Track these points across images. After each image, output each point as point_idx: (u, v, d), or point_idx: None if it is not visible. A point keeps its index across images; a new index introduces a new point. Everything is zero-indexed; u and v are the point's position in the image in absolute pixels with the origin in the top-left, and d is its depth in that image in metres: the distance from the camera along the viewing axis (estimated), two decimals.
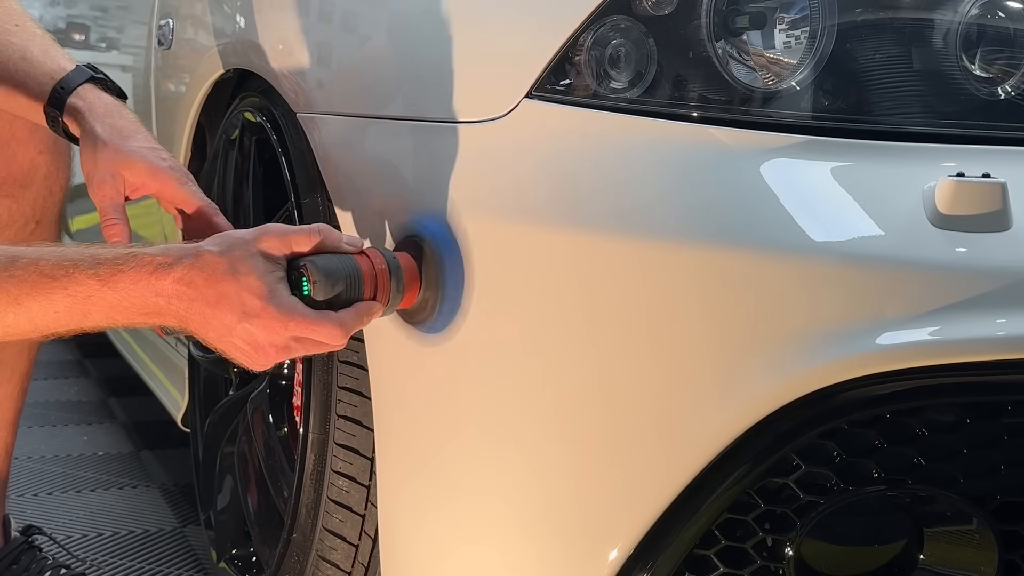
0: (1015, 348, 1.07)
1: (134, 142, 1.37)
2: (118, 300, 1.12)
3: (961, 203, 1.07)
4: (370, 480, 1.40)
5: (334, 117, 1.38)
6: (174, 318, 1.13)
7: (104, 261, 1.12)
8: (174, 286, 1.12)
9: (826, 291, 1.07)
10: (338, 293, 1.14)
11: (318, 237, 1.16)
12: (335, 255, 1.16)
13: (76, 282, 1.11)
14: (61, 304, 1.12)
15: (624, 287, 1.12)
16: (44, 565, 1.72)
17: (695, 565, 1.15)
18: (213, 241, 1.15)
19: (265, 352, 1.13)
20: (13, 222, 1.61)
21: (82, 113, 1.39)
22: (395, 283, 1.18)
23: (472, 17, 1.27)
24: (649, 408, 1.12)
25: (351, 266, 1.15)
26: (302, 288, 1.13)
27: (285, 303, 1.12)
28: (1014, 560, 1.16)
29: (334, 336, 1.13)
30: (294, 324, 1.12)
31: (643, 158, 1.14)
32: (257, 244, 1.13)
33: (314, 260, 1.14)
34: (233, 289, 1.11)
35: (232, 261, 1.12)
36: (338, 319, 1.14)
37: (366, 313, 1.16)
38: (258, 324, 1.11)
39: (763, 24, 1.15)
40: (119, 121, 1.39)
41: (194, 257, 1.12)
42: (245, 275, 1.11)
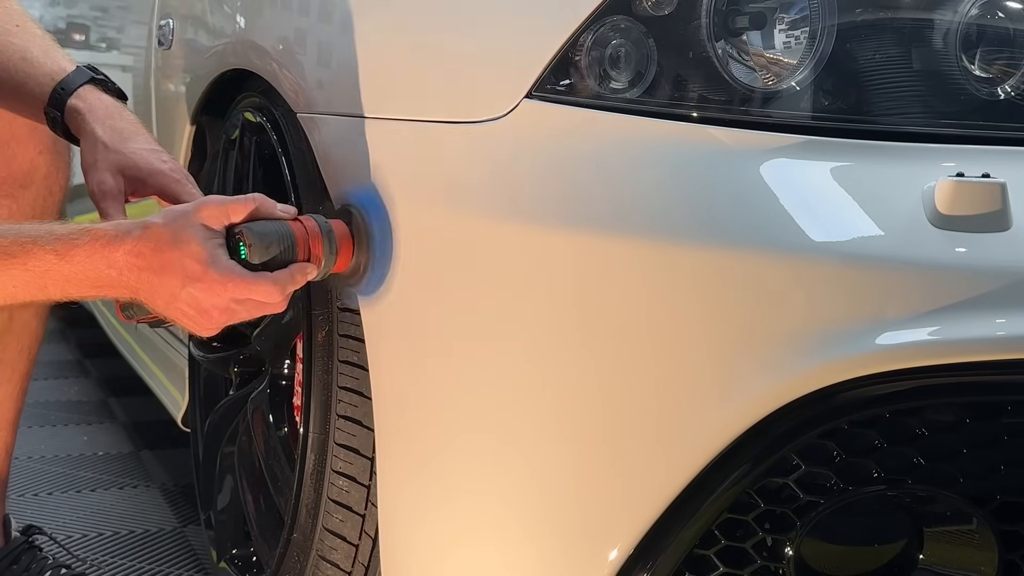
0: (1015, 348, 1.07)
1: (134, 143, 1.38)
2: (74, 273, 1.19)
3: (961, 203, 1.07)
4: (370, 480, 1.40)
5: (334, 117, 1.38)
6: (126, 289, 1.20)
7: (61, 236, 1.19)
8: (125, 257, 1.19)
9: (826, 291, 1.07)
10: (273, 256, 1.22)
11: (253, 205, 1.23)
12: (270, 221, 1.24)
13: (34, 257, 1.18)
14: (20, 278, 1.19)
15: (624, 287, 1.12)
16: (44, 565, 1.72)
17: (695, 565, 1.15)
18: (160, 215, 1.22)
19: (209, 315, 1.21)
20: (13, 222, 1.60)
21: (82, 114, 1.40)
22: (327, 245, 1.26)
23: (472, 17, 1.27)
24: (649, 408, 1.12)
25: (285, 230, 1.24)
26: (239, 252, 1.21)
27: (224, 266, 1.19)
28: (1014, 560, 1.16)
29: (271, 294, 1.21)
30: (232, 285, 1.19)
31: (643, 158, 1.14)
32: (197, 214, 1.20)
33: (250, 226, 1.22)
34: (176, 256, 1.18)
35: (175, 231, 1.19)
36: (273, 279, 1.21)
37: (300, 273, 1.24)
38: (200, 287, 1.19)
39: (763, 24, 1.15)
40: (119, 123, 1.40)
41: (142, 229, 1.20)
42: (187, 243, 1.19)
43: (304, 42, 1.47)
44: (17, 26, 1.48)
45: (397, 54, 1.33)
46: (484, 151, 1.20)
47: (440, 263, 1.23)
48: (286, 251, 1.23)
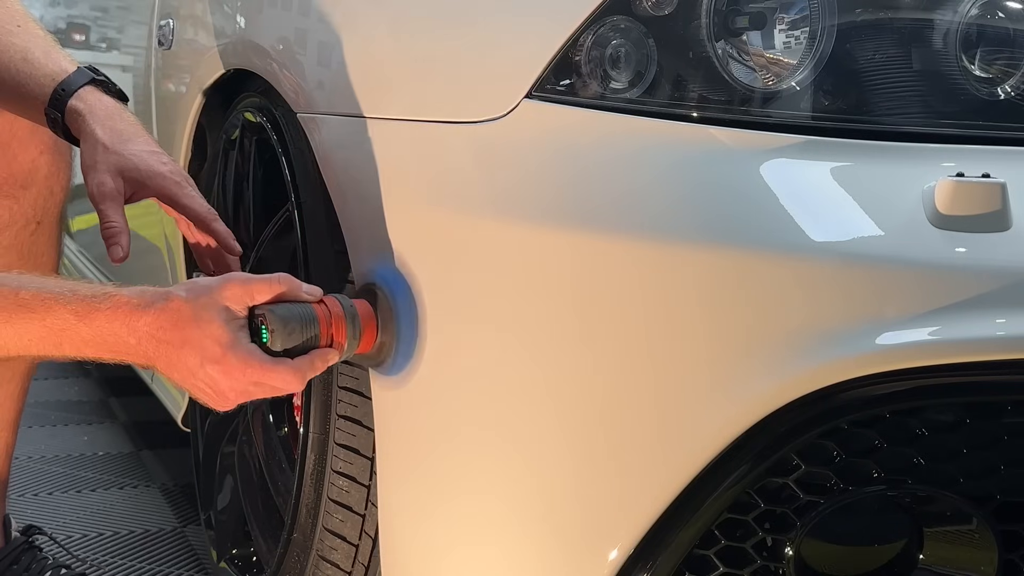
0: (1015, 348, 1.07)
1: (134, 145, 1.38)
2: (92, 336, 1.17)
3: (961, 203, 1.07)
4: (370, 480, 1.40)
5: (334, 117, 1.38)
6: (142, 357, 1.18)
7: (83, 297, 1.18)
8: (145, 328, 1.17)
9: (826, 291, 1.07)
10: (295, 343, 1.19)
11: (279, 287, 1.20)
12: (294, 304, 1.21)
13: (53, 314, 1.17)
14: (36, 333, 1.17)
15: (624, 287, 1.12)
16: (44, 565, 1.72)
17: (695, 565, 1.15)
18: (183, 287, 1.20)
19: (225, 396, 1.19)
20: (14, 222, 1.60)
21: (83, 115, 1.39)
22: (351, 329, 1.23)
23: (472, 17, 1.27)
24: (649, 408, 1.12)
25: (308, 315, 1.21)
26: (261, 336, 1.18)
27: (244, 350, 1.17)
28: (1014, 560, 1.16)
29: (290, 383, 1.19)
30: (251, 371, 1.17)
31: (643, 158, 1.14)
32: (221, 292, 1.18)
33: (273, 309, 1.19)
34: (197, 335, 1.16)
35: (196, 309, 1.17)
36: (294, 366, 1.19)
37: (321, 359, 1.22)
38: (218, 369, 1.17)
39: (763, 24, 1.15)
40: (119, 124, 1.39)
41: (164, 301, 1.18)
42: (208, 323, 1.17)
43: (304, 42, 1.47)
44: (19, 26, 1.48)
45: (397, 54, 1.33)
46: (484, 151, 1.20)
47: (439, 263, 1.23)
48: (308, 337, 1.20)
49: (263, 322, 1.18)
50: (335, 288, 1.39)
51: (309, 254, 1.44)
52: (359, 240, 1.34)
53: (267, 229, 1.60)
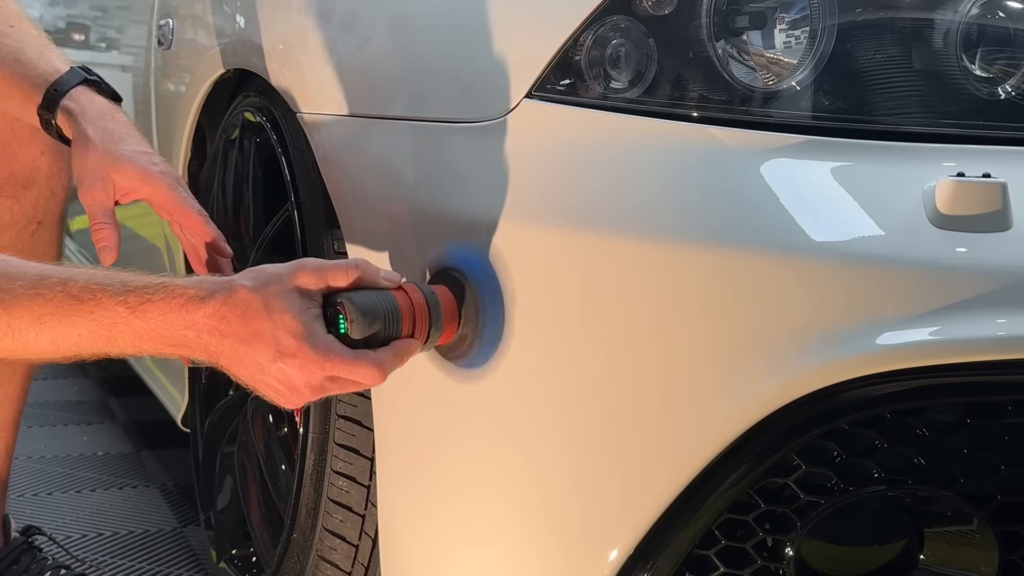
0: (1015, 348, 1.07)
1: (126, 146, 1.36)
2: (146, 329, 1.09)
3: (961, 203, 1.07)
4: (370, 480, 1.40)
5: (334, 117, 1.38)
6: (203, 352, 1.10)
7: (134, 289, 1.10)
8: (206, 320, 1.09)
9: (826, 291, 1.07)
10: (375, 331, 1.10)
11: (355, 273, 1.12)
12: (372, 291, 1.12)
13: (103, 307, 1.09)
14: (85, 327, 1.10)
15: (624, 287, 1.12)
16: (44, 565, 1.72)
17: (695, 565, 1.15)
18: (247, 276, 1.12)
19: (300, 392, 1.10)
20: (15, 223, 1.60)
21: (74, 115, 1.38)
22: (434, 319, 1.15)
23: (472, 17, 1.27)
24: (649, 408, 1.12)
25: (389, 303, 1.12)
26: (339, 326, 1.10)
27: (322, 342, 1.09)
28: (1014, 560, 1.16)
29: (372, 376, 1.10)
30: (331, 364, 1.09)
31: (643, 158, 1.14)
32: (292, 280, 1.10)
33: (351, 297, 1.10)
34: (268, 327, 1.08)
35: (266, 298, 1.09)
36: (376, 359, 1.11)
37: (404, 351, 1.13)
38: (294, 364, 1.08)
39: (763, 24, 1.15)
40: (111, 124, 1.38)
41: (227, 292, 1.09)
42: (280, 313, 1.08)
43: (304, 42, 1.47)
44: (12, 26, 1.47)
45: (397, 54, 1.33)
46: (484, 151, 1.20)
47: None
48: (389, 326, 1.11)
49: (341, 311, 1.09)
50: None
51: (308, 254, 1.44)
52: (358, 240, 1.34)
53: (267, 229, 1.60)
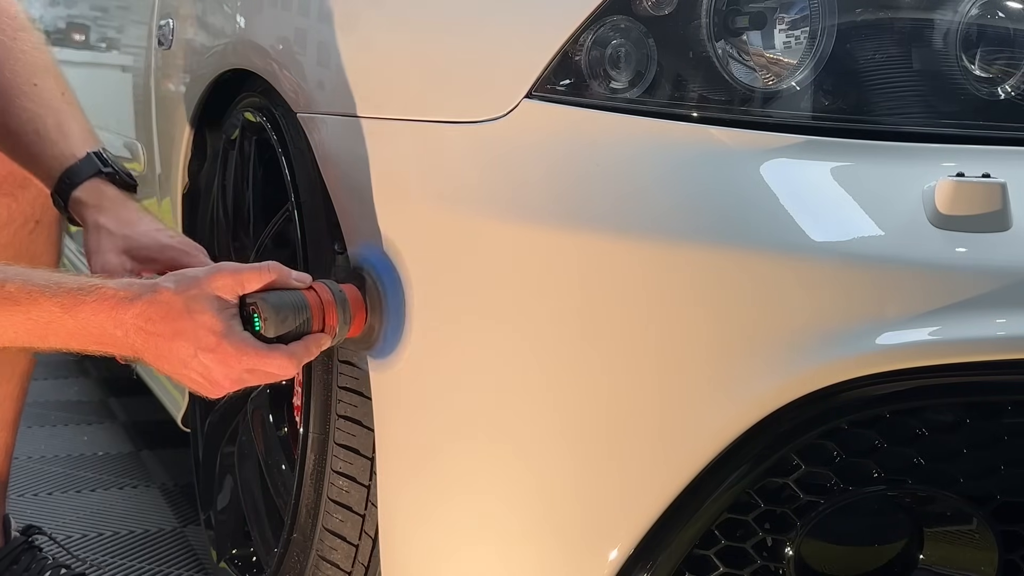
0: (1015, 348, 1.07)
1: (139, 227, 1.38)
2: (77, 328, 1.18)
3: (961, 203, 1.07)
4: (370, 480, 1.40)
5: (334, 117, 1.38)
6: (129, 349, 1.19)
7: (69, 290, 1.18)
8: (133, 320, 1.17)
9: (826, 291, 1.07)
10: (288, 329, 1.20)
11: (268, 275, 1.21)
12: (285, 291, 1.22)
13: (39, 307, 1.17)
14: (21, 326, 1.18)
15: (624, 287, 1.12)
16: (44, 565, 1.72)
17: (695, 565, 1.15)
18: (170, 279, 1.20)
19: (219, 384, 1.19)
20: (12, 221, 1.60)
21: (86, 207, 1.40)
22: (342, 314, 1.25)
23: (472, 17, 1.27)
24: (649, 408, 1.12)
25: (300, 301, 1.22)
26: (253, 324, 1.19)
27: (238, 338, 1.18)
28: (1014, 560, 1.16)
29: (285, 368, 1.20)
30: (247, 358, 1.18)
31: (643, 158, 1.14)
32: (211, 283, 1.19)
33: (265, 298, 1.20)
34: (189, 326, 1.17)
35: (187, 300, 1.17)
36: (288, 352, 1.20)
37: (314, 344, 1.23)
38: (213, 358, 1.17)
39: (763, 24, 1.15)
40: (123, 212, 1.39)
41: (152, 293, 1.18)
42: (200, 313, 1.17)
43: (304, 42, 1.47)
44: (35, 84, 1.46)
45: (397, 54, 1.33)
46: (484, 151, 1.20)
47: (439, 263, 1.23)
48: (301, 323, 1.21)
49: (255, 310, 1.19)
50: None
51: (309, 254, 1.44)
52: (359, 239, 1.34)
53: (267, 229, 1.60)
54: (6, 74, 1.46)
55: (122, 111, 2.23)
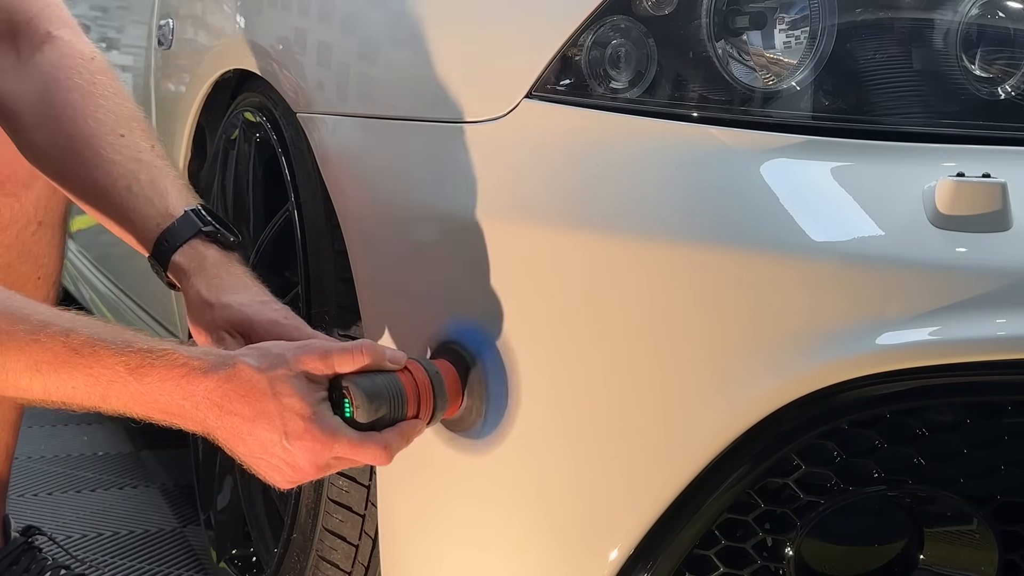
0: (1015, 348, 1.07)
1: (242, 296, 1.25)
2: (142, 393, 1.08)
3: (961, 203, 1.07)
4: (370, 480, 1.40)
5: (334, 117, 1.38)
6: (198, 424, 1.10)
7: (137, 350, 1.09)
8: (207, 394, 1.08)
9: (826, 291, 1.07)
10: (381, 416, 1.12)
11: (361, 358, 1.12)
12: (377, 374, 1.13)
13: (102, 363, 1.08)
14: (81, 381, 1.09)
15: (624, 287, 1.12)
16: (44, 566, 1.71)
17: (695, 565, 1.15)
18: (252, 353, 1.11)
19: (303, 472, 1.10)
20: (15, 222, 1.60)
21: (186, 273, 1.28)
22: (439, 398, 1.16)
23: (472, 17, 1.27)
24: (649, 408, 1.12)
25: (394, 385, 1.13)
26: (344, 409, 1.11)
27: (329, 425, 1.09)
28: (1014, 560, 1.16)
29: (378, 458, 1.11)
30: (338, 446, 1.09)
31: (643, 158, 1.14)
32: (299, 365, 1.09)
33: (357, 381, 1.11)
34: (274, 408, 1.08)
35: (272, 380, 1.08)
36: (382, 441, 1.11)
37: (410, 432, 1.14)
38: (300, 446, 1.08)
39: (763, 24, 1.15)
40: (226, 278, 1.27)
41: (231, 368, 1.08)
42: (287, 396, 1.08)
43: (304, 42, 1.47)
44: (122, 136, 1.34)
45: (397, 54, 1.33)
46: (484, 151, 1.20)
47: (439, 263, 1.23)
48: (394, 408, 1.12)
49: (346, 395, 1.10)
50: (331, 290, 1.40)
51: (309, 254, 1.44)
52: (358, 240, 1.34)
53: (267, 229, 1.60)
54: (90, 123, 1.35)
55: None
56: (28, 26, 1.43)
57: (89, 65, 1.40)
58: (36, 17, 1.43)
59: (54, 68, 1.38)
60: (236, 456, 1.12)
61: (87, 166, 1.34)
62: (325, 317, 1.41)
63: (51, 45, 1.41)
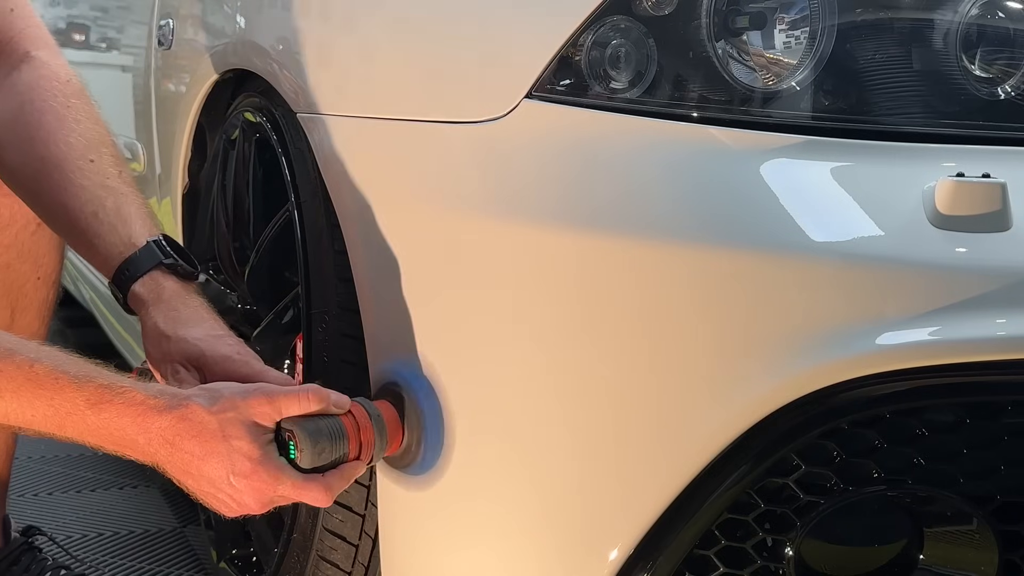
0: (1015, 348, 1.07)
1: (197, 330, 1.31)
2: (98, 425, 1.15)
3: (961, 203, 1.07)
4: (370, 480, 1.40)
5: (334, 117, 1.38)
6: (150, 457, 1.16)
7: (98, 386, 1.15)
8: (160, 432, 1.14)
9: (826, 291, 1.07)
10: (324, 460, 1.18)
11: (307, 403, 1.18)
12: (321, 418, 1.19)
13: (62, 395, 1.14)
14: (40, 411, 1.15)
15: (624, 287, 1.12)
16: (44, 566, 1.71)
17: (695, 565, 1.15)
18: (203, 395, 1.17)
19: (247, 507, 1.17)
20: (14, 222, 1.60)
21: (144, 303, 1.34)
22: (379, 439, 1.23)
23: (472, 17, 1.27)
24: (649, 408, 1.12)
25: (337, 429, 1.19)
26: (289, 451, 1.17)
27: (275, 466, 1.15)
28: (1014, 560, 1.16)
29: (319, 499, 1.18)
30: (282, 487, 1.16)
31: (643, 158, 1.14)
32: (248, 409, 1.16)
33: (303, 425, 1.17)
34: (224, 449, 1.14)
35: (223, 423, 1.15)
36: (324, 483, 1.18)
37: (351, 473, 1.21)
38: (246, 484, 1.15)
39: (763, 24, 1.15)
40: (183, 311, 1.33)
41: (183, 408, 1.15)
42: (236, 439, 1.14)
43: (304, 42, 1.47)
44: (91, 161, 1.38)
45: (397, 54, 1.33)
46: (484, 151, 1.20)
47: (438, 263, 1.23)
48: (337, 451, 1.19)
49: (291, 438, 1.17)
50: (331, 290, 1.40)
51: (309, 254, 1.44)
52: (358, 240, 1.34)
53: (267, 229, 1.60)
54: (61, 147, 1.39)
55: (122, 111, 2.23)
56: (7, 46, 1.46)
57: (65, 88, 1.44)
58: (16, 37, 1.46)
59: (30, 89, 1.43)
60: (184, 488, 1.18)
61: (56, 189, 1.38)
62: (325, 317, 1.41)
63: (29, 65, 1.45)
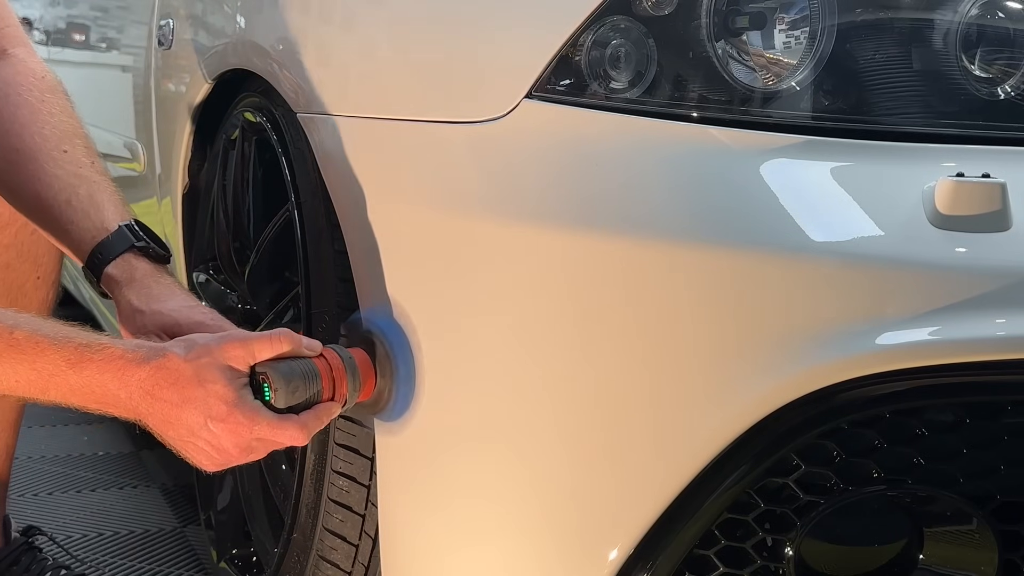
0: (1015, 348, 1.07)
1: (171, 303, 1.35)
2: (81, 385, 1.18)
3: (961, 203, 1.07)
4: (370, 480, 1.40)
5: (334, 117, 1.38)
6: (132, 411, 1.19)
7: (77, 346, 1.18)
8: (140, 384, 1.17)
9: (826, 291, 1.07)
10: (298, 399, 1.20)
11: (279, 345, 1.21)
12: (295, 360, 1.22)
13: (44, 358, 1.17)
14: (24, 375, 1.17)
15: (624, 288, 1.12)
16: (44, 566, 1.72)
17: (695, 565, 1.15)
18: (179, 344, 1.19)
19: (228, 453, 1.19)
20: (14, 221, 1.60)
21: (118, 283, 1.37)
22: (352, 381, 1.25)
23: (472, 17, 1.27)
24: (649, 408, 1.12)
25: (310, 370, 1.22)
26: (264, 393, 1.19)
27: (250, 408, 1.17)
28: (1014, 560, 1.16)
29: (296, 438, 1.20)
30: (258, 428, 1.18)
31: (643, 158, 1.14)
32: (222, 353, 1.18)
33: (276, 367, 1.20)
34: (199, 394, 1.17)
35: (198, 368, 1.17)
36: (300, 421, 1.20)
37: (325, 413, 1.23)
38: (223, 428, 1.17)
39: (763, 24, 1.15)
40: (155, 288, 1.37)
41: (161, 358, 1.17)
42: (211, 383, 1.17)
43: (304, 42, 1.47)
44: (65, 151, 1.43)
45: (397, 54, 1.33)
46: (484, 151, 1.20)
47: (438, 264, 1.23)
48: (310, 392, 1.21)
49: (265, 380, 1.19)
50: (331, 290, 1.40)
51: (309, 254, 1.44)
52: (358, 240, 1.34)
53: (267, 229, 1.60)
54: (36, 138, 1.42)
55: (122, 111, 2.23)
56: None
57: (39, 83, 1.47)
58: None
59: (5, 84, 1.46)
60: (166, 441, 1.21)
61: (31, 179, 1.42)
62: (325, 317, 1.41)
63: (6, 62, 1.49)
